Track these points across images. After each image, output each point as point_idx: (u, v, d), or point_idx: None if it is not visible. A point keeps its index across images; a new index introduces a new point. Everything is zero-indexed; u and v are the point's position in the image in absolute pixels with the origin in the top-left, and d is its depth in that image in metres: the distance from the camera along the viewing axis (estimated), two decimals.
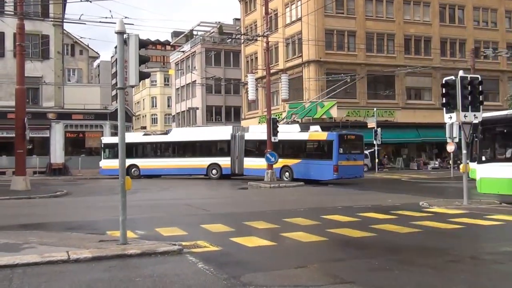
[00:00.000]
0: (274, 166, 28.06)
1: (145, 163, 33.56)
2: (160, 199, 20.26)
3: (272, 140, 28.06)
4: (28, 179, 23.56)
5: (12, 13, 30.80)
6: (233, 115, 63.77)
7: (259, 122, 48.19)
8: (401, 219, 13.02)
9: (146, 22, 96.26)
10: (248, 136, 31.96)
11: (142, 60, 9.46)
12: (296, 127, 30.89)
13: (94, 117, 39.71)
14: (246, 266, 7.79)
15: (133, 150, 33.06)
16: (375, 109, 40.12)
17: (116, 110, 40.20)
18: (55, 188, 24.32)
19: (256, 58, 52.70)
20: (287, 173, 29.19)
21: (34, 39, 37.77)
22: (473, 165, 17.83)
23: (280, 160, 27.95)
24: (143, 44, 9.57)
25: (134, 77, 9.20)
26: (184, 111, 68.58)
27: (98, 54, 65.05)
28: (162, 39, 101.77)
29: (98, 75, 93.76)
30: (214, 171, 32.72)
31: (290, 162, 28.97)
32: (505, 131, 16.74)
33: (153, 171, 33.44)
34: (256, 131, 32.17)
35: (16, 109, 24.04)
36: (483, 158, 16.92)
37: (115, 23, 10.02)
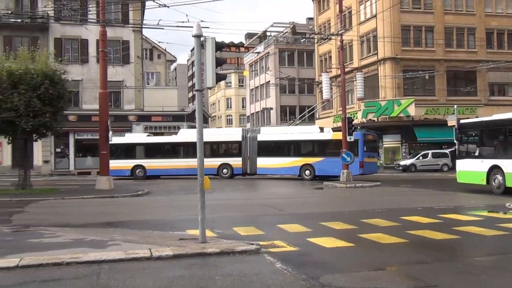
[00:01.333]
0: (293, 164, 30.56)
1: (151, 164, 33.68)
2: (236, 199, 20.53)
3: (348, 139, 27.77)
4: (112, 179, 24.61)
5: (95, 20, 32.35)
6: (307, 115, 63.54)
7: (333, 122, 47.75)
8: (486, 221, 12.44)
9: (220, 25, 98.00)
10: (260, 137, 32.90)
11: (219, 62, 9.60)
12: (316, 127, 33.17)
13: (172, 119, 40.89)
14: (325, 267, 7.72)
15: (139, 151, 33.86)
16: (455, 106, 38.56)
17: (193, 111, 41.27)
18: (136, 187, 25.23)
19: (330, 57, 52.23)
20: (307, 171, 31.18)
21: (115, 45, 39.45)
22: None
23: (299, 158, 30.75)
24: (219, 46, 9.72)
25: (211, 79, 9.36)
26: (259, 111, 69.15)
27: (175, 57, 66.95)
28: (236, 41, 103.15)
29: (175, 77, 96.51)
30: (224, 171, 33.58)
31: (311, 160, 31.07)
32: (474, 134, 21.25)
33: (160, 172, 33.46)
34: (269, 132, 33.54)
35: (100, 112, 25.17)
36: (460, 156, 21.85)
37: (191, 27, 10.25)
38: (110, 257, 8.08)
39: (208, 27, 65.64)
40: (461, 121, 22.24)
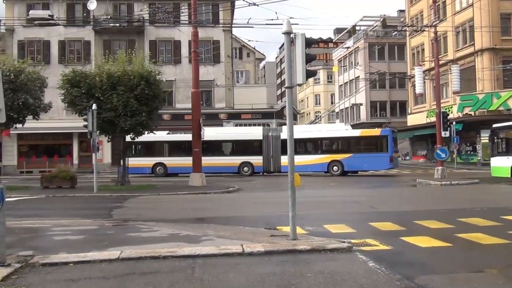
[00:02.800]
0: (321, 161, 31.52)
1: (172, 162, 33.76)
2: (326, 196, 20.38)
3: (443, 135, 26.74)
4: (204, 176, 25.26)
5: (187, 22, 33.35)
6: (398, 110, 61.78)
7: (426, 117, 46.04)
8: None
9: (309, 21, 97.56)
10: (284, 135, 32.42)
11: (309, 59, 9.55)
12: (342, 125, 34.69)
13: (262, 116, 41.29)
14: (420, 267, 7.46)
15: (160, 148, 34.21)
16: None
17: (282, 108, 41.38)
18: (228, 184, 25.75)
19: (423, 49, 50.36)
20: (335, 167, 32.29)
21: (207, 45, 40.49)
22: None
23: (327, 155, 32.17)
24: (310, 42, 9.67)
25: (301, 76, 9.32)
26: (348, 107, 68.17)
27: (264, 55, 67.53)
28: (324, 37, 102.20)
29: (264, 75, 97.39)
30: (245, 169, 33.87)
31: (339, 157, 32.27)
32: (502, 136, 25.46)
33: (181, 169, 32.88)
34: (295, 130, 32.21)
35: (192, 110, 25.93)
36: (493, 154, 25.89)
37: (280, 24, 10.28)
38: (204, 252, 8.31)
39: (297, 24, 65.55)
40: (493, 125, 26.09)
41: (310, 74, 9.81)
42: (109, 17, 39.27)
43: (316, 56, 17.90)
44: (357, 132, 33.31)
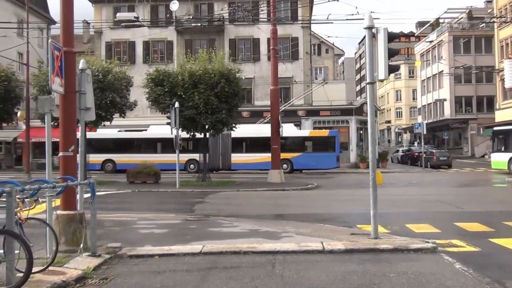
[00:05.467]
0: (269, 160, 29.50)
1: (120, 158, 33.93)
2: (408, 194, 19.79)
3: None
4: (282, 173, 25.34)
5: (266, 20, 33.55)
6: (485, 105, 58.84)
7: None
8: None
9: (390, 15, 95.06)
10: (234, 134, 32.10)
11: (391, 53, 9.31)
12: (291, 125, 33.99)
13: (341, 113, 40.70)
14: (511, 271, 7.08)
15: (109, 146, 34.26)
16: None
17: (361, 105, 40.58)
18: (306, 181, 25.67)
19: None
20: (285, 165, 32.04)
21: (285, 42, 40.49)
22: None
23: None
24: (392, 37, 9.42)
25: (384, 71, 9.11)
26: (431, 103, 65.82)
27: (343, 51, 66.59)
28: (405, 31, 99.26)
29: (343, 71, 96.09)
30: (192, 166, 33.95)
31: (289, 155, 32.68)
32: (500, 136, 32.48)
33: (129, 166, 29.77)
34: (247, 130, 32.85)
35: (271, 107, 26.07)
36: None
37: (361, 19, 10.10)
38: (284, 249, 8.33)
39: (378, 18, 64.10)
40: (494, 128, 34.44)
41: (392, 69, 9.57)
42: (190, 17, 40.25)
43: (399, 50, 17.44)
44: (306, 133, 35.07)
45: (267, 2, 33.82)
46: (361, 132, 41.31)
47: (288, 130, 32.68)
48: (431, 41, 64.48)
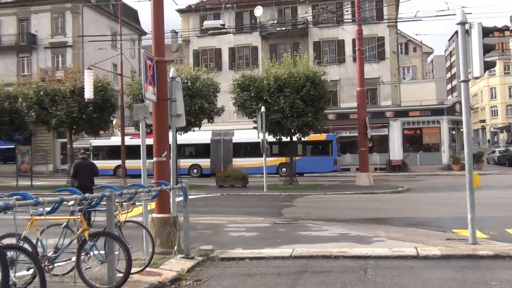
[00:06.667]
0: (271, 163, 30.68)
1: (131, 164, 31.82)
2: (507, 197, 18.69)
3: None
4: (371, 175, 24.84)
5: (351, 20, 33.12)
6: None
7: None
8: None
9: (482, 9, 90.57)
10: (235, 139, 34.04)
11: (487, 49, 8.84)
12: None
13: (431, 113, 39.27)
14: None
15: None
16: None
17: (453, 104, 38.98)
18: (396, 184, 24.99)
19: None
20: (283, 169, 32.42)
21: (371, 42, 39.69)
22: None
23: (277, 158, 32.82)
24: (487, 32, 8.95)
25: (479, 68, 8.67)
26: None
27: (432, 49, 64.26)
28: (499, 25, 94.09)
29: (432, 70, 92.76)
30: (195, 171, 35.18)
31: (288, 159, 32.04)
32: None
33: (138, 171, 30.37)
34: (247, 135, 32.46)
35: (358, 109, 25.65)
36: None
37: (452, 14, 9.69)
38: (376, 253, 8.13)
39: (470, 13, 61.02)
40: None
41: (488, 65, 9.09)
42: (275, 22, 40.55)
43: (495, 46, 16.59)
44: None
45: (352, 3, 33.38)
46: (453, 132, 39.61)
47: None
48: None
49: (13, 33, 45.47)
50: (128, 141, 36.96)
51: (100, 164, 35.57)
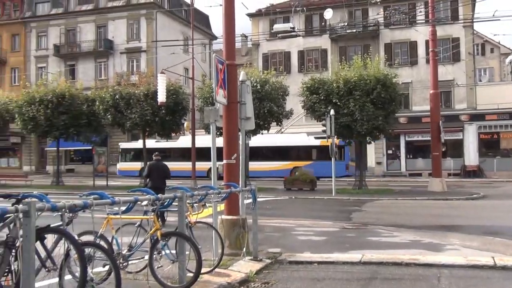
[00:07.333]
0: (284, 167, 32.72)
1: None
2: None
3: None
4: (444, 181, 24.03)
5: (424, 21, 32.20)
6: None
7: None
8: None
9: None
10: (251, 143, 30.20)
11: None
12: (304, 135, 34.64)
13: (509, 117, 37.50)
14: None
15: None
16: None
17: None
18: (470, 190, 24.03)
19: None
20: (297, 173, 32.21)
21: (445, 43, 38.43)
22: None
23: (290, 162, 33.88)
24: None
25: None
26: None
27: (511, 50, 61.29)
28: None
29: (511, 71, 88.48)
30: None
31: (300, 164, 33.50)
32: None
33: None
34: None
35: (431, 113, 24.90)
36: None
37: None
38: (450, 262, 7.84)
39: None
40: None
41: None
42: (345, 23, 40.10)
43: None
44: (317, 142, 34.38)
45: (425, 3, 32.37)
46: None
47: (300, 139, 34.82)
48: None
49: (92, 40, 47.64)
50: (153, 144, 38.22)
51: (127, 165, 38.40)
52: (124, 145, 39.95)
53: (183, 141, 37.34)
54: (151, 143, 37.62)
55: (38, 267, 4.47)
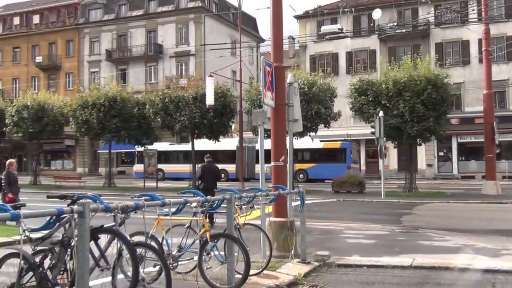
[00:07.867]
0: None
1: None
2: None
3: None
4: (499, 184, 23.28)
5: (477, 19, 31.28)
6: None
7: None
8: None
9: None
10: (257, 146, 30.87)
11: None
12: (308, 139, 32.70)
13: None
14: None
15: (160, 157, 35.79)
16: None
17: None
18: None
19: None
20: (301, 175, 34.59)
21: (499, 42, 37.23)
22: None
23: (294, 164, 28.00)
24: None
25: None
26: None
27: None
28: None
29: None
30: (222, 175, 33.69)
31: (304, 166, 34.79)
32: None
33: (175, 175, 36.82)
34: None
35: (484, 113, 24.17)
36: None
37: None
38: (505, 268, 7.59)
39: None
40: None
41: None
42: (395, 23, 39.42)
43: None
44: (320, 145, 35.58)
45: (478, 1, 31.52)
46: None
47: (305, 142, 33.38)
48: None
49: (142, 44, 48.70)
50: (167, 147, 39.98)
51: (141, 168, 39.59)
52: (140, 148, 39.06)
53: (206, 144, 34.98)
54: (163, 146, 39.19)
55: (92, 266, 4.60)
